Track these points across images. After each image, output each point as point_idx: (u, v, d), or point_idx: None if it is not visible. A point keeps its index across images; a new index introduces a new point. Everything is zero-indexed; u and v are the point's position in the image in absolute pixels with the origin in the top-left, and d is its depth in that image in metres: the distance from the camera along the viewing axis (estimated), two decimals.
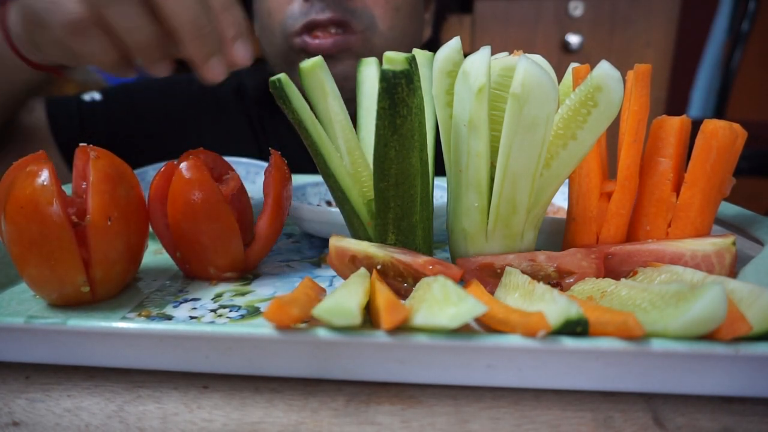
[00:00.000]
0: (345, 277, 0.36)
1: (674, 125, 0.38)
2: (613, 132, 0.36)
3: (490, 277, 0.36)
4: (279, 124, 0.85)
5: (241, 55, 0.45)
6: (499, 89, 0.35)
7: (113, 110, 0.81)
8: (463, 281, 0.36)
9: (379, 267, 0.34)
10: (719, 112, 1.60)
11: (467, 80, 0.33)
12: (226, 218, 0.38)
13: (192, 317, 0.34)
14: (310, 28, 0.66)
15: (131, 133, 0.82)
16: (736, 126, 0.36)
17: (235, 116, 0.86)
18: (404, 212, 0.36)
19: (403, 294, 0.34)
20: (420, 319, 0.26)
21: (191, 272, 0.41)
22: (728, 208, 0.49)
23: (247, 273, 0.42)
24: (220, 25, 0.43)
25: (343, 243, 0.35)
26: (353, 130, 0.39)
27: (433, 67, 0.37)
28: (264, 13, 0.71)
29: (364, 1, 0.67)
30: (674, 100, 1.84)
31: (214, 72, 0.44)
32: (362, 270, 0.34)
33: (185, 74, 0.93)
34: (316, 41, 0.66)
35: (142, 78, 0.79)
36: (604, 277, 0.34)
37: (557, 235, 0.43)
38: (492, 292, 0.34)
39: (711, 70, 2.02)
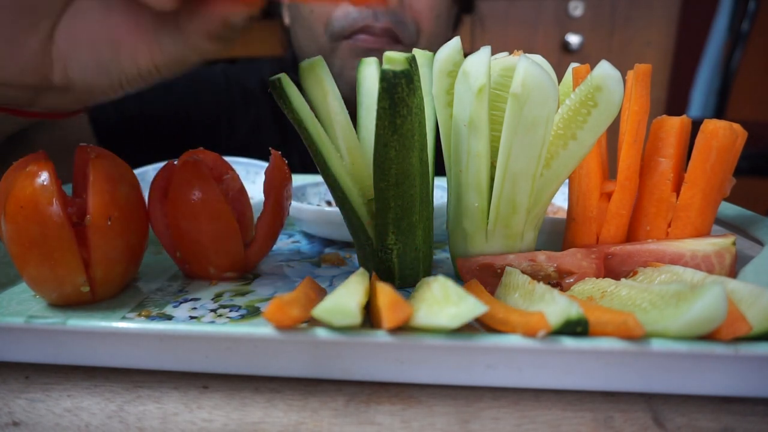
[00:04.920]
0: (492, 291, 0.35)
1: (674, 125, 0.38)
2: (613, 132, 0.36)
3: (490, 277, 0.36)
4: None
5: None
6: (499, 89, 0.35)
7: (147, 100, 0.83)
8: (463, 281, 0.36)
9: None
10: (719, 112, 1.60)
11: (467, 80, 0.33)
12: (226, 218, 0.37)
13: (192, 317, 0.34)
14: (362, 32, 0.69)
15: (165, 124, 0.83)
16: (736, 126, 0.36)
17: (263, 108, 0.87)
18: (404, 212, 0.36)
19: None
20: (420, 318, 0.26)
21: (191, 272, 0.41)
22: (728, 208, 0.49)
23: (247, 273, 0.42)
24: None
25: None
26: (353, 130, 0.39)
27: (433, 67, 0.37)
28: (305, 10, 0.72)
29: (413, 13, 0.70)
30: (674, 100, 1.84)
31: None
32: (361, 270, 0.34)
33: (212, 66, 0.94)
34: (363, 37, 0.69)
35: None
36: (604, 277, 0.34)
37: (557, 235, 0.43)
38: (492, 292, 0.34)
39: (711, 70, 2.02)
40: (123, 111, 0.80)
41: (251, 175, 0.63)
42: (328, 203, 0.56)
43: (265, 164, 0.52)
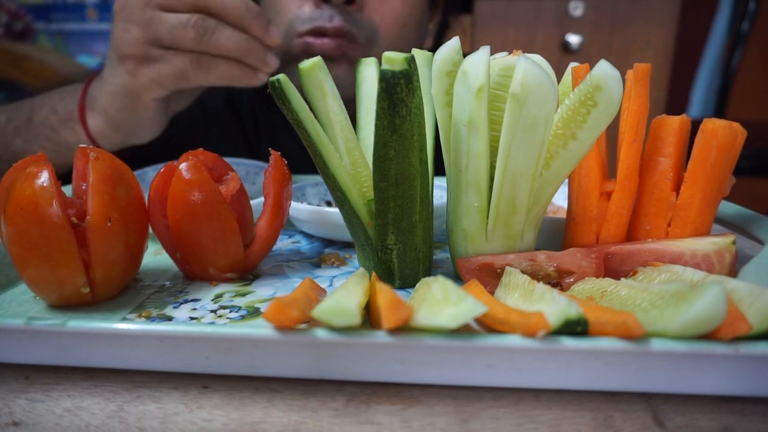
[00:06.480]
0: (492, 291, 0.35)
1: (674, 125, 0.38)
2: (613, 132, 0.36)
3: (490, 277, 0.36)
4: (274, 133, 0.85)
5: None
6: (499, 89, 0.35)
7: None
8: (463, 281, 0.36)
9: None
10: (719, 112, 1.60)
11: (467, 80, 0.33)
12: (226, 219, 0.38)
13: (192, 318, 0.34)
14: (316, 34, 0.67)
15: (124, 149, 0.81)
16: (736, 125, 0.36)
17: (228, 128, 0.85)
18: (404, 212, 0.36)
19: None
20: (420, 319, 0.26)
21: (191, 273, 0.41)
22: (728, 208, 0.49)
23: (247, 273, 0.42)
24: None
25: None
26: (353, 130, 0.39)
27: (433, 67, 0.37)
28: (272, 10, 0.71)
29: (371, 15, 0.68)
30: (674, 100, 1.84)
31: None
32: (361, 270, 0.34)
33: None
34: (319, 41, 0.67)
35: None
36: (604, 277, 0.34)
37: (557, 235, 0.43)
38: (492, 292, 0.34)
39: (711, 70, 2.02)
40: None
41: (251, 176, 0.63)
42: (328, 203, 0.56)
43: (265, 164, 0.52)
